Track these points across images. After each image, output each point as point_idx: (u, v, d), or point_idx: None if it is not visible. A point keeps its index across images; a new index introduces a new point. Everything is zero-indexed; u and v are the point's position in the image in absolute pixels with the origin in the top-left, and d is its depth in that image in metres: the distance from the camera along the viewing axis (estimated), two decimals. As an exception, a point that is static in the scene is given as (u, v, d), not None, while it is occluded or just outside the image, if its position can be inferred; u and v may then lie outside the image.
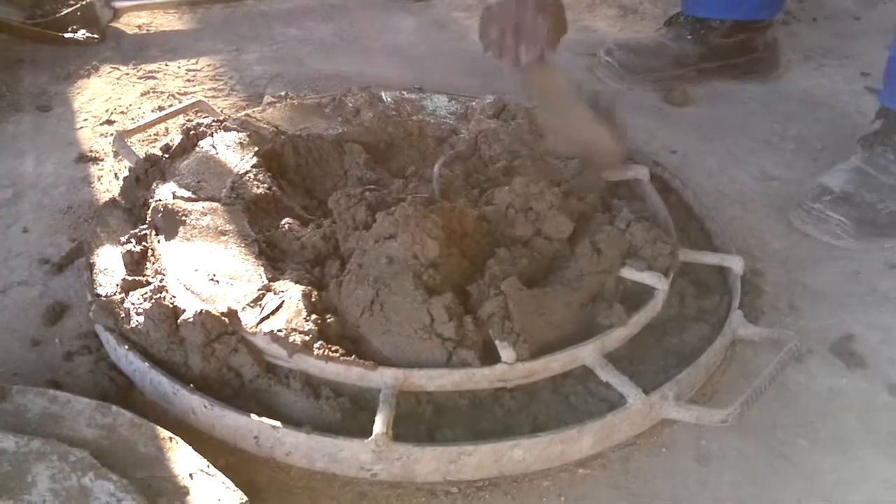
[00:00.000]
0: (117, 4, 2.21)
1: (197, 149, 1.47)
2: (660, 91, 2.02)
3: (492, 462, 1.04)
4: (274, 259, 1.25)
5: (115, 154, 1.59)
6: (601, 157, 1.45)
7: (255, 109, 1.64)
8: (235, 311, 1.11)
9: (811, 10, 2.54)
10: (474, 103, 1.70)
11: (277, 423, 1.01)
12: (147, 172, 1.42)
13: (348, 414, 1.06)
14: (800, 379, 1.23)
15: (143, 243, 1.27)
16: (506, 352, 1.08)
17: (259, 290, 1.16)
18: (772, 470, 1.09)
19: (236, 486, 0.92)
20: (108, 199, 1.42)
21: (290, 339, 1.06)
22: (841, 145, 1.84)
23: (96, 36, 2.08)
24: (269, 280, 1.18)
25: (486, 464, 1.04)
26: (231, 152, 1.46)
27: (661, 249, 1.26)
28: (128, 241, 1.27)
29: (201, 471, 0.93)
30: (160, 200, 1.31)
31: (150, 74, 1.95)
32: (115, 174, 1.56)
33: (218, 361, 1.08)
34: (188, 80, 1.94)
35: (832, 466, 1.10)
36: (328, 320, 1.12)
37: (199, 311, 1.08)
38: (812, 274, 1.45)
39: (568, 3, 2.57)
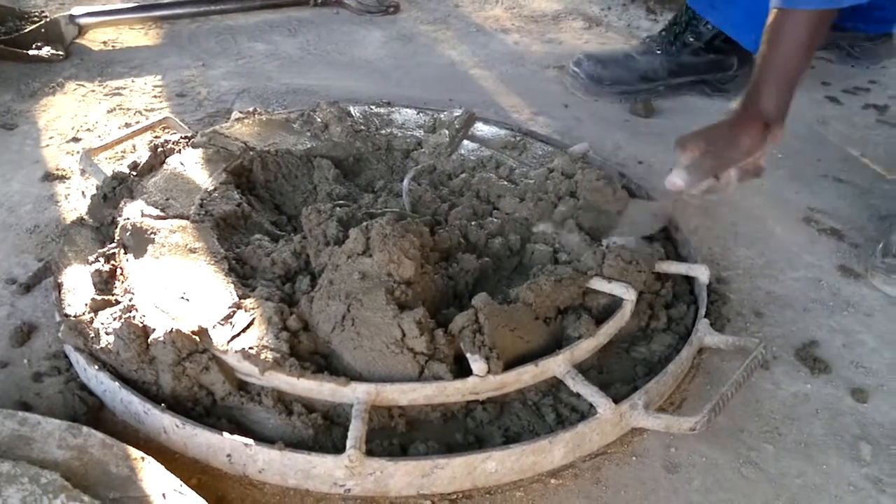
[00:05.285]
0: (82, 21, 2.20)
1: (165, 166, 1.47)
2: (626, 103, 2.05)
3: (465, 475, 1.04)
4: (244, 276, 1.25)
5: (82, 172, 1.58)
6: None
7: (223, 125, 1.63)
8: (206, 329, 1.11)
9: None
10: (442, 116, 1.71)
11: (250, 441, 1.01)
12: (115, 190, 1.41)
13: (321, 430, 1.07)
14: (766, 385, 1.26)
15: (112, 262, 1.26)
16: (477, 364, 1.09)
17: (229, 307, 1.16)
18: (739, 476, 1.11)
19: (209, 504, 0.92)
20: (75, 218, 1.40)
21: (262, 356, 1.07)
22: (801, 154, 1.89)
23: (61, 53, 2.06)
24: (240, 297, 1.18)
25: (459, 476, 1.04)
26: (199, 169, 1.46)
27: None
28: (96, 260, 1.26)
29: (174, 490, 0.93)
30: (128, 219, 1.31)
31: (116, 91, 1.94)
32: (83, 192, 1.55)
33: (189, 380, 1.08)
34: (155, 97, 1.94)
35: (798, 471, 1.12)
36: (299, 336, 1.12)
37: (169, 329, 1.08)
38: (775, 281, 1.47)
39: (534, 17, 2.64)
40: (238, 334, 1.11)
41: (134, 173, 1.45)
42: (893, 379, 1.28)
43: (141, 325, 1.11)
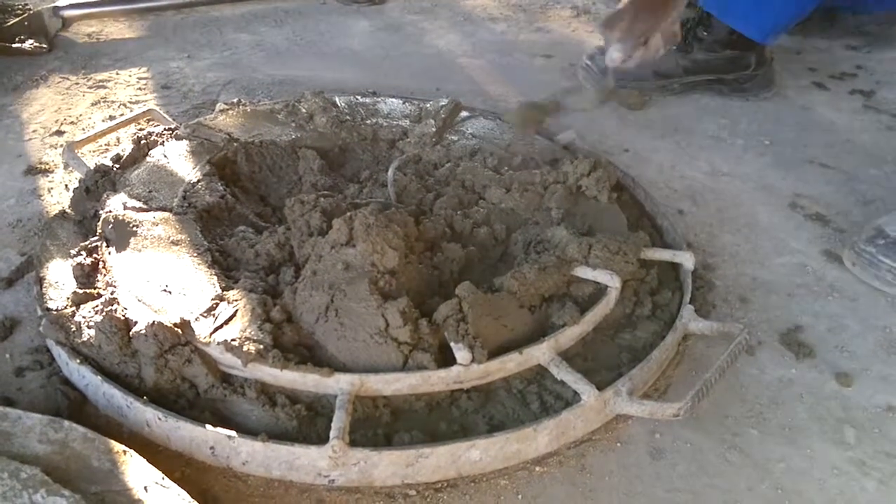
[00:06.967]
0: (66, 13, 2.19)
1: (148, 158, 1.46)
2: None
3: (449, 463, 1.04)
4: (228, 268, 1.25)
5: (66, 165, 1.57)
6: None
7: (208, 117, 1.63)
8: (188, 322, 1.11)
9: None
10: (428, 105, 1.70)
11: (233, 433, 1.01)
12: (97, 183, 1.41)
13: (305, 421, 1.07)
14: (750, 370, 1.26)
15: (94, 255, 1.25)
16: (461, 353, 1.09)
17: (212, 299, 1.15)
18: (723, 461, 1.11)
19: (192, 497, 0.92)
20: (58, 212, 1.40)
21: (245, 347, 1.06)
22: (787, 140, 1.89)
23: (45, 45, 2.05)
24: (223, 289, 1.17)
25: (443, 465, 1.04)
26: (183, 161, 1.45)
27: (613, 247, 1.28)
28: (78, 254, 1.25)
29: (156, 483, 0.93)
30: (110, 211, 1.30)
31: (100, 84, 1.93)
32: (66, 186, 1.54)
33: (171, 373, 1.07)
34: (140, 89, 1.93)
35: (782, 455, 1.12)
36: (283, 328, 1.12)
37: (151, 322, 1.07)
38: (761, 267, 1.47)
39: (522, 5, 2.62)
40: (221, 326, 1.11)
41: (117, 166, 1.44)
42: (877, 363, 1.28)
43: (123, 318, 1.10)
